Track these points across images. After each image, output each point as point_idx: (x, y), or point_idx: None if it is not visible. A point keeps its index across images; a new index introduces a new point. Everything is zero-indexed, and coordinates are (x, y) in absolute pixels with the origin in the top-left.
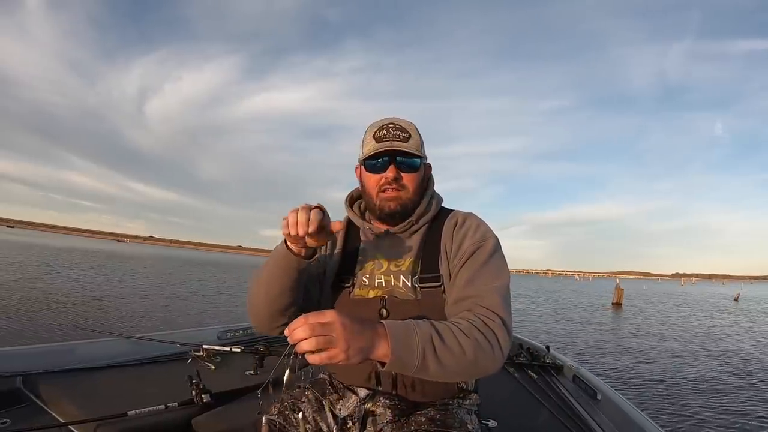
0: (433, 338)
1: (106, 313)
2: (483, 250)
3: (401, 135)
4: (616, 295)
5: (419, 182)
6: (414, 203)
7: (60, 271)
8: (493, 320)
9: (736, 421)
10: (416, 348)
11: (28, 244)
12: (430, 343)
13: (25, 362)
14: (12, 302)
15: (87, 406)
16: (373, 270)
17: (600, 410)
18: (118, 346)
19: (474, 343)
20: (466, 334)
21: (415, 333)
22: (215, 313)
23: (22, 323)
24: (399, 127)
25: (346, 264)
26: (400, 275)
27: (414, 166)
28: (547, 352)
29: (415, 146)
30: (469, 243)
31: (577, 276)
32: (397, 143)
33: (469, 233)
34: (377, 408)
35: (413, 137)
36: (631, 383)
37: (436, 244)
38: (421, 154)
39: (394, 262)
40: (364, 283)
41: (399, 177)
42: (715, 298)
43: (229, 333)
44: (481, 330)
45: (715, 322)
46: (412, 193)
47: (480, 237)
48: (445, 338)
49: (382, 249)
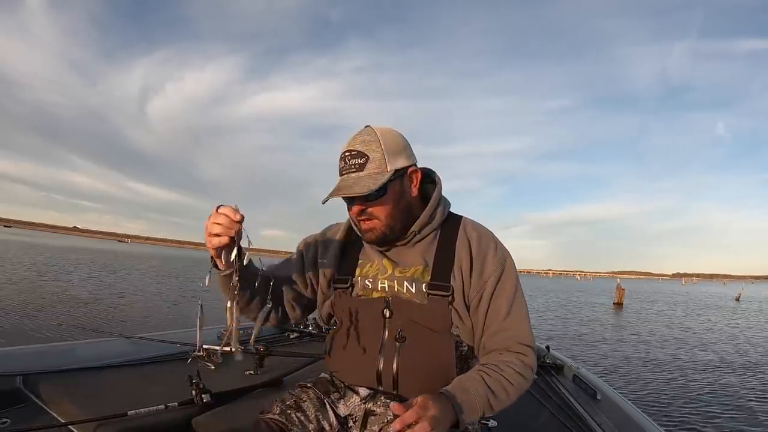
0: (489, 398)
1: (107, 313)
2: (508, 275)
3: (356, 163)
4: (617, 294)
5: (394, 204)
6: (394, 227)
7: (60, 271)
8: (528, 356)
9: (736, 421)
10: (479, 411)
11: (27, 244)
12: (487, 404)
13: (25, 362)
14: (12, 302)
15: (87, 405)
16: (377, 275)
17: (600, 410)
18: (119, 346)
19: (517, 387)
20: (510, 382)
21: (475, 401)
22: (215, 313)
23: (22, 323)
24: (355, 154)
25: (347, 265)
26: (404, 281)
27: (379, 194)
28: (547, 352)
29: (374, 168)
30: (491, 268)
31: (578, 276)
32: (353, 175)
33: (489, 255)
34: (378, 407)
35: (372, 158)
36: (632, 383)
37: (450, 257)
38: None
39: (398, 269)
40: (367, 286)
41: (365, 209)
42: (717, 298)
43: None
44: (521, 373)
45: (716, 322)
46: (385, 219)
47: (500, 258)
48: (497, 394)
49: (386, 256)
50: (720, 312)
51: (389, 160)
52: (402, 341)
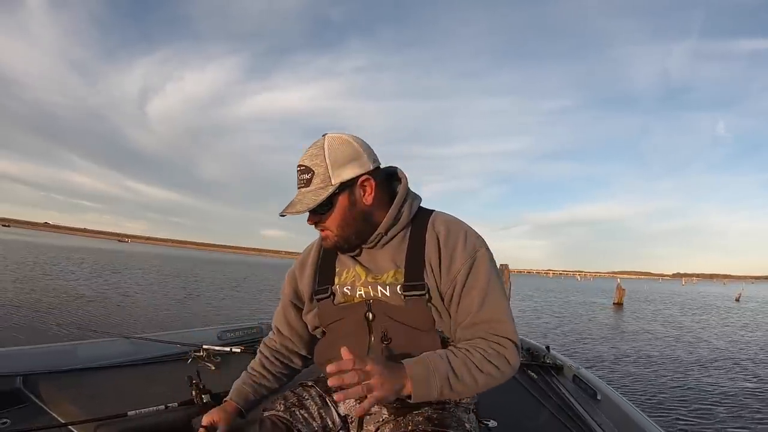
0: (450, 378)
1: (107, 313)
2: (480, 266)
3: (304, 179)
4: (617, 294)
5: (343, 214)
6: (351, 233)
7: (60, 271)
8: (506, 347)
9: (736, 421)
10: (435, 388)
11: (27, 244)
12: (447, 383)
13: (26, 362)
14: (12, 302)
15: (87, 406)
16: (354, 282)
17: (600, 410)
18: (119, 346)
19: (486, 375)
20: (479, 367)
21: (434, 375)
22: (215, 313)
23: (22, 323)
24: (303, 169)
25: (324, 276)
26: (378, 286)
27: (325, 207)
28: (547, 352)
29: (319, 182)
30: (461, 261)
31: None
32: (302, 190)
33: (459, 247)
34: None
35: (317, 173)
36: (632, 383)
37: (420, 255)
38: (331, 184)
39: (371, 274)
40: (347, 293)
41: (318, 220)
42: (717, 298)
43: (229, 333)
44: (493, 362)
45: (716, 322)
46: (338, 229)
47: (471, 249)
48: (460, 375)
49: (359, 262)
50: (720, 312)
51: (333, 174)
52: (388, 342)
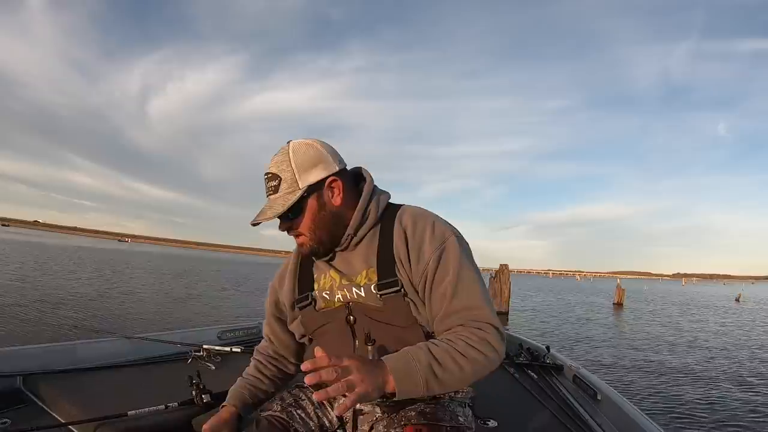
0: (433, 367)
1: (107, 313)
2: (449, 255)
3: (272, 186)
4: (617, 295)
5: (314, 217)
6: (324, 235)
7: (60, 271)
8: (487, 332)
9: (736, 421)
10: (419, 379)
11: (26, 244)
12: (431, 372)
13: (26, 362)
14: (12, 302)
15: (87, 406)
16: (332, 286)
17: (600, 410)
18: (119, 346)
19: (472, 361)
20: (463, 354)
21: (415, 366)
22: (216, 313)
23: (22, 323)
24: (269, 176)
25: (303, 283)
26: (353, 288)
27: (295, 212)
28: (548, 352)
29: (286, 188)
30: (429, 251)
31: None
32: (271, 197)
33: (426, 238)
34: (365, 406)
35: (284, 179)
36: (632, 383)
37: (390, 252)
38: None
39: (346, 277)
40: (326, 298)
41: (290, 226)
42: (717, 299)
43: (229, 333)
44: (477, 347)
45: (716, 323)
46: (310, 233)
47: (439, 239)
48: (443, 364)
49: (334, 266)
50: (720, 313)
51: (300, 178)
52: (372, 343)
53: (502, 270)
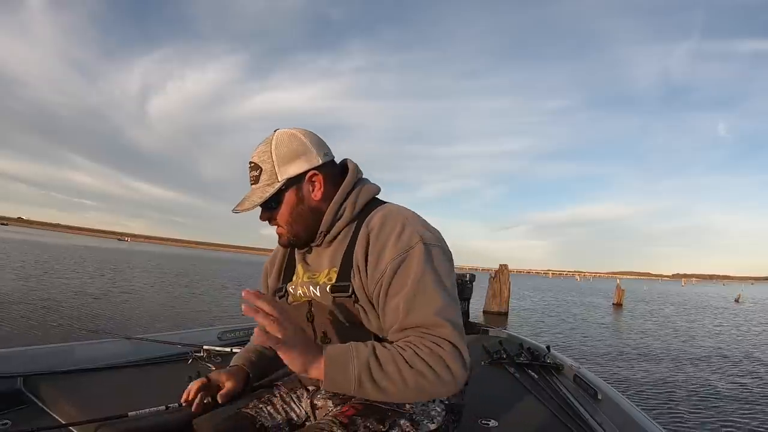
0: (371, 365)
1: (107, 314)
2: (410, 264)
3: (253, 176)
4: (616, 295)
5: (291, 210)
6: (301, 229)
7: (60, 270)
8: (443, 348)
9: (736, 422)
10: (352, 373)
11: (26, 243)
12: (366, 370)
13: (26, 363)
14: (12, 302)
15: (88, 407)
16: (297, 282)
17: (601, 410)
18: (119, 346)
19: (416, 373)
20: (408, 363)
21: (352, 357)
22: (216, 313)
23: (22, 323)
24: (252, 166)
25: (285, 276)
26: (310, 286)
27: (273, 204)
28: (548, 352)
29: (266, 180)
30: (389, 258)
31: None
32: (252, 186)
33: (389, 244)
34: (320, 401)
35: (264, 169)
36: (632, 383)
37: (348, 257)
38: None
39: (308, 273)
40: (292, 292)
41: (270, 217)
42: (716, 299)
43: (229, 334)
44: (427, 360)
45: (716, 323)
46: (287, 225)
47: (403, 246)
48: (384, 366)
49: (305, 261)
50: (720, 313)
51: (280, 170)
52: (328, 342)
53: (501, 270)
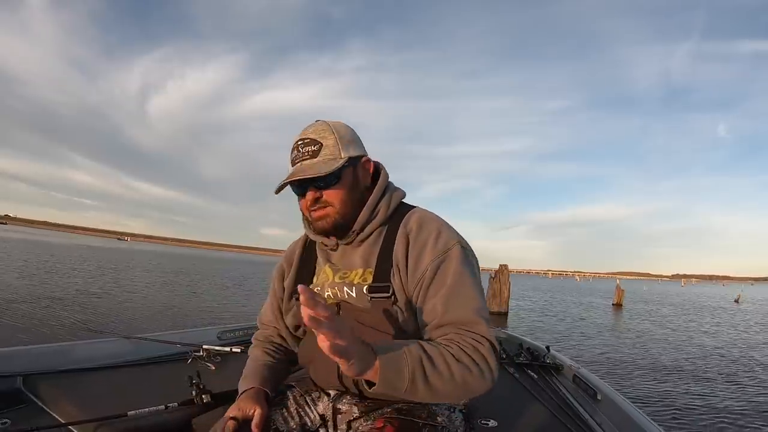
0: (424, 362)
1: (107, 313)
2: (449, 266)
3: (310, 150)
4: (616, 295)
5: (348, 190)
6: (346, 214)
7: (59, 270)
8: (483, 345)
9: (735, 422)
10: (406, 372)
11: (26, 243)
12: (420, 368)
13: (26, 362)
14: (12, 301)
15: (87, 406)
16: (324, 283)
17: (600, 410)
18: (119, 346)
19: (463, 368)
20: (456, 358)
21: (405, 356)
22: (216, 312)
23: (22, 322)
24: (308, 141)
25: (302, 276)
26: (344, 287)
27: (332, 179)
28: (547, 352)
29: (328, 155)
30: (429, 259)
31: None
32: (307, 162)
33: (428, 246)
34: (343, 406)
35: (326, 145)
36: (632, 383)
37: (390, 254)
38: (340, 157)
39: (339, 274)
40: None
41: (320, 196)
42: (716, 300)
43: (229, 333)
44: (472, 356)
45: (715, 324)
46: (341, 205)
47: (442, 248)
48: (435, 362)
49: (331, 261)
50: (720, 314)
51: (342, 147)
52: None
53: (501, 270)
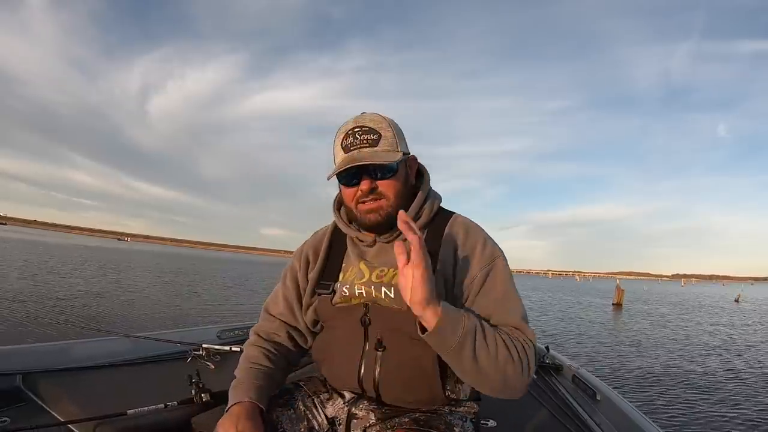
0: (477, 330)
1: (107, 312)
2: (497, 274)
3: (369, 138)
4: (616, 295)
5: (401, 185)
6: (399, 209)
7: (59, 269)
8: (529, 347)
9: (735, 422)
10: (459, 330)
11: (26, 243)
12: (472, 333)
13: (25, 361)
14: (12, 301)
15: (86, 404)
16: (354, 280)
17: (599, 410)
18: (118, 344)
19: (509, 356)
20: (506, 345)
21: (463, 317)
22: (215, 312)
23: (22, 321)
24: (366, 129)
25: (328, 271)
26: (382, 287)
27: (390, 171)
28: (547, 352)
29: (388, 146)
30: (478, 267)
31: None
32: (366, 150)
33: (476, 254)
34: (360, 411)
35: (385, 136)
36: (631, 384)
37: (433, 257)
38: (398, 150)
39: (376, 272)
40: (344, 294)
41: (375, 187)
42: (716, 299)
43: (228, 332)
44: (518, 351)
45: (715, 324)
46: (394, 199)
47: (489, 257)
48: (488, 338)
49: (366, 258)
50: (720, 313)
51: (399, 141)
52: (383, 350)
53: None
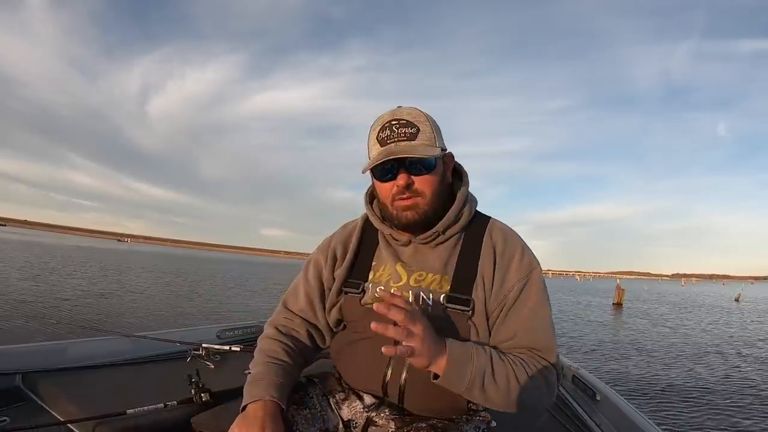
0: (486, 374)
1: (106, 311)
2: (533, 287)
3: (407, 132)
4: (616, 295)
5: (439, 182)
6: (436, 208)
7: (59, 270)
8: (551, 373)
9: (734, 422)
10: (467, 377)
11: (26, 243)
12: (480, 378)
13: (25, 360)
14: (12, 300)
15: (86, 404)
16: (389, 282)
17: (599, 411)
18: (118, 344)
19: (523, 392)
20: (518, 378)
21: (471, 362)
22: (215, 312)
23: (21, 321)
24: (404, 123)
25: (358, 269)
26: (420, 292)
27: (428, 166)
28: None
29: (426, 140)
30: (516, 278)
31: (577, 276)
32: (403, 143)
33: (514, 264)
34: (380, 419)
35: (423, 130)
36: (631, 384)
37: (473, 265)
38: (436, 146)
39: (414, 276)
40: (377, 295)
41: (412, 182)
42: (716, 299)
43: (228, 332)
44: (537, 380)
45: (715, 323)
46: (431, 196)
47: (527, 267)
48: (497, 377)
49: (402, 259)
50: (720, 313)
51: (437, 137)
52: None
53: None
